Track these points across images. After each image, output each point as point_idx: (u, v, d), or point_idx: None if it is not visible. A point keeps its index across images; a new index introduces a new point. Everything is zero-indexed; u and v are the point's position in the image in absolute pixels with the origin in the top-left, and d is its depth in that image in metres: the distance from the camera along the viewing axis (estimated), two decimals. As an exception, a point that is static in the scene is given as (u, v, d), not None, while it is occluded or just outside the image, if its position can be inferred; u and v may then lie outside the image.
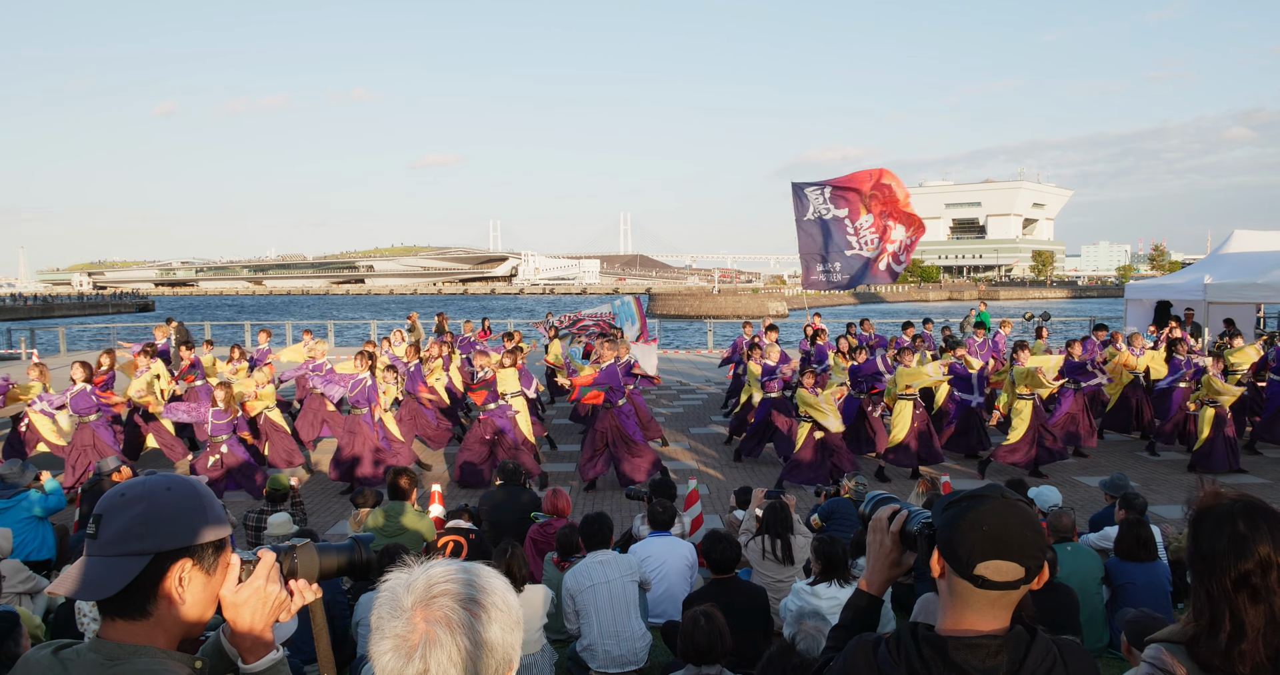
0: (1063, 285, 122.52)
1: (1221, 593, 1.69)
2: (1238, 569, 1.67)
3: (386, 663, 1.19)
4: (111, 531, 1.43)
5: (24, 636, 3.48)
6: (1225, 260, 16.31)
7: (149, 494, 1.47)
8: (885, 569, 1.85)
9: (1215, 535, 1.72)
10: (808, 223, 13.95)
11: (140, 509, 1.44)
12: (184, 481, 1.52)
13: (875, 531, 1.86)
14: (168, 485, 1.49)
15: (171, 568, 1.46)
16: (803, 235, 14.03)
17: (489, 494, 7.32)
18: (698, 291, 79.11)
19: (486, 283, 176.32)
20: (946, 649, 1.56)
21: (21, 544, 6.34)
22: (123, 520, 1.44)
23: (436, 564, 1.27)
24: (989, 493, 1.60)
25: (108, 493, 1.50)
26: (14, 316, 64.56)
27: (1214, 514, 1.75)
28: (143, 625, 1.46)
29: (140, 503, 1.45)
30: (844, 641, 1.85)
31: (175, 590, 1.46)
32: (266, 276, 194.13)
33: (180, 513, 1.47)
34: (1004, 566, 1.53)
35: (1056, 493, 6.62)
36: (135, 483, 1.50)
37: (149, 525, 1.44)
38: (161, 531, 1.45)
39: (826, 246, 13.85)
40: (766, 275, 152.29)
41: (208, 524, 1.50)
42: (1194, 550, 1.76)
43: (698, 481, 7.94)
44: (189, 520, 1.48)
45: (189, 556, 1.47)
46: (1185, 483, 10.00)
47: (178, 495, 1.48)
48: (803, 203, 13.99)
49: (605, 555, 5.08)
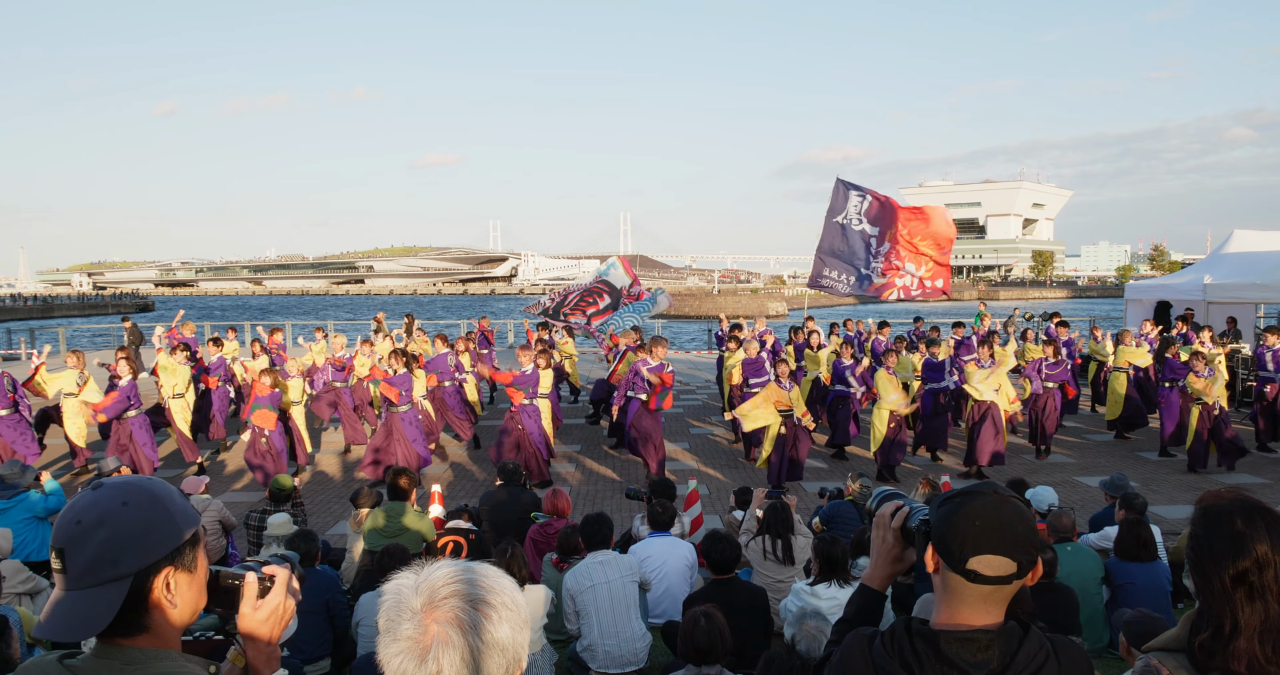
0: (1063, 285, 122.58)
1: (1221, 591, 1.70)
2: (1235, 567, 1.68)
3: (399, 665, 1.19)
4: (81, 564, 1.35)
5: (15, 639, 3.47)
6: (1225, 260, 16.31)
7: (107, 517, 1.37)
8: (887, 564, 1.88)
9: (1214, 534, 1.73)
10: (837, 224, 13.77)
11: (104, 535, 1.36)
12: (139, 489, 1.43)
13: (878, 527, 1.88)
14: (123, 500, 1.39)
15: (155, 580, 1.40)
16: (827, 233, 13.82)
17: (489, 494, 7.32)
18: (697, 292, 79.13)
19: (486, 283, 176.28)
20: (938, 642, 1.57)
21: (21, 544, 6.35)
22: (89, 551, 1.35)
23: (442, 565, 1.27)
24: (983, 489, 1.62)
25: (62, 520, 1.39)
26: (14, 317, 64.59)
27: (1213, 513, 1.76)
28: (143, 639, 1.42)
29: (101, 528, 1.36)
30: (845, 636, 1.87)
31: (165, 599, 1.42)
32: (266, 277, 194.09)
33: (146, 526, 1.39)
34: (996, 561, 1.54)
35: (1053, 493, 6.62)
36: (87, 506, 1.39)
37: (117, 549, 1.36)
38: (134, 551, 1.37)
39: (844, 254, 13.73)
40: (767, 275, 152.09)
41: (177, 526, 1.43)
42: (1194, 550, 1.78)
43: (698, 482, 7.94)
44: (158, 530, 1.40)
45: (169, 564, 1.41)
46: (1185, 483, 10.01)
47: (136, 508, 1.39)
48: (840, 202, 13.79)
49: (605, 556, 5.08)
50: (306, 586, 4.91)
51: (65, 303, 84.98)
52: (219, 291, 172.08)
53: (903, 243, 13.36)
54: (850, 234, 13.67)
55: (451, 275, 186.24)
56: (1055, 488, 7.41)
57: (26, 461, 8.65)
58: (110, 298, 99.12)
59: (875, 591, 1.93)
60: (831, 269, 13.82)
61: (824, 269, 13.88)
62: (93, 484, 1.44)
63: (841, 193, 13.79)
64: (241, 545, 7.09)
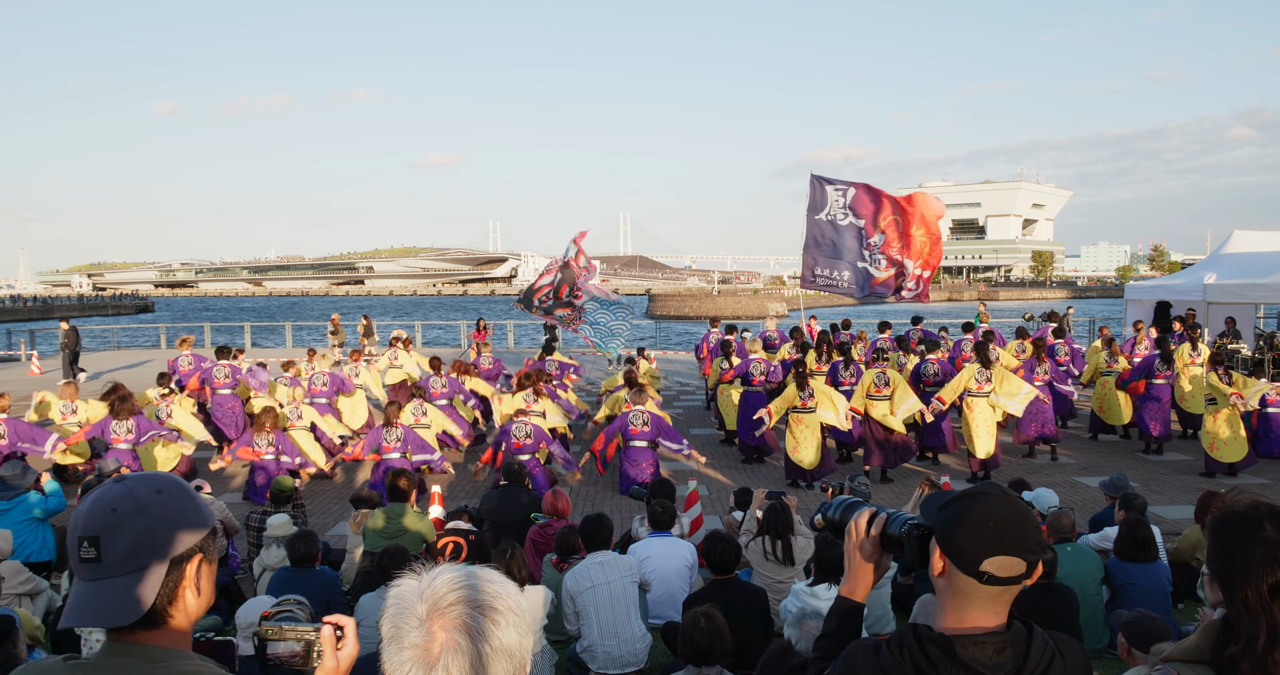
0: (1062, 286, 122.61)
1: (1260, 601, 1.62)
2: (1275, 576, 1.61)
3: (407, 673, 1.19)
4: (119, 550, 1.38)
5: (21, 640, 3.47)
6: (1225, 260, 16.32)
7: (144, 504, 1.41)
8: (867, 574, 1.86)
9: (1245, 542, 1.66)
10: (820, 221, 13.55)
11: (142, 521, 1.40)
12: (169, 480, 1.49)
13: (853, 537, 1.85)
14: (157, 488, 1.45)
15: (188, 567, 1.44)
16: (812, 231, 13.60)
17: (489, 495, 7.33)
18: (697, 292, 79.24)
19: (486, 284, 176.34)
20: (953, 647, 1.56)
21: (21, 545, 6.35)
22: (128, 536, 1.39)
23: (444, 571, 1.27)
24: (989, 490, 1.62)
25: (92, 510, 1.42)
26: (14, 318, 64.56)
27: (1237, 520, 1.69)
28: (157, 633, 1.43)
29: (139, 515, 1.40)
30: (830, 650, 1.84)
31: (193, 587, 1.46)
32: (266, 277, 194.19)
33: (180, 512, 1.45)
34: (1009, 562, 1.54)
35: (1053, 495, 6.62)
36: (120, 495, 1.42)
37: (157, 534, 1.41)
38: (172, 536, 1.42)
39: (836, 252, 13.53)
40: (767, 276, 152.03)
41: (203, 515, 1.49)
42: (1224, 561, 1.69)
43: (698, 482, 7.94)
44: (189, 517, 1.46)
45: (199, 552, 1.47)
46: (1185, 483, 10.01)
47: (170, 496, 1.45)
48: (820, 198, 13.57)
49: (605, 556, 5.08)
50: (307, 587, 4.91)
51: (65, 303, 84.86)
52: (219, 292, 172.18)
53: (895, 233, 13.22)
54: (839, 229, 13.47)
55: (451, 276, 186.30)
56: (1055, 488, 7.42)
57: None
58: (110, 298, 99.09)
59: (856, 603, 1.90)
60: (824, 267, 13.61)
61: (816, 267, 13.66)
62: (115, 479, 1.45)
63: (819, 188, 13.58)
64: (242, 546, 7.09)
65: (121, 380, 11.49)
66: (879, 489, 9.76)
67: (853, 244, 13.46)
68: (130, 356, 26.17)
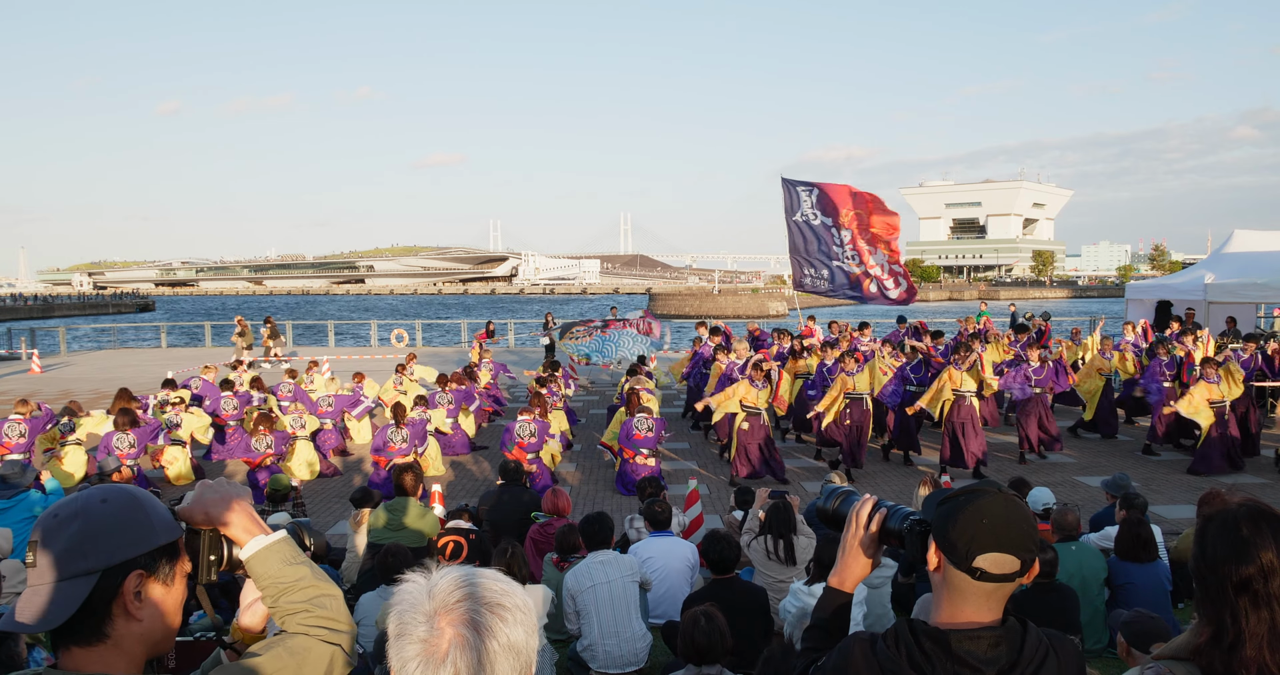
0: (1063, 285, 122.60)
1: (1223, 598, 1.67)
2: (1239, 574, 1.65)
3: (414, 670, 1.19)
4: (51, 556, 1.34)
5: (21, 640, 3.47)
6: (1226, 260, 16.32)
7: (84, 510, 1.37)
8: (859, 566, 1.86)
9: (1219, 540, 1.71)
10: (797, 223, 13.86)
11: (77, 526, 1.35)
12: (121, 490, 1.43)
13: (852, 528, 1.85)
14: (103, 497, 1.40)
15: (124, 583, 1.37)
16: (792, 233, 13.93)
17: (489, 494, 7.32)
18: (698, 291, 79.14)
19: (487, 283, 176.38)
20: (949, 641, 1.57)
21: (22, 544, 6.34)
22: (61, 541, 1.34)
23: (449, 570, 1.27)
24: (986, 488, 1.63)
25: (44, 514, 1.40)
26: (14, 317, 64.62)
27: (1219, 519, 1.73)
28: (100, 650, 1.37)
29: (76, 520, 1.36)
30: (820, 640, 1.85)
31: (131, 607, 1.38)
32: (266, 277, 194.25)
33: (121, 524, 1.38)
34: (1002, 559, 1.55)
35: (1049, 494, 6.63)
36: (68, 500, 1.39)
37: (88, 542, 1.34)
38: (104, 546, 1.35)
39: (814, 251, 13.80)
40: (767, 275, 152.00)
41: (154, 531, 1.41)
42: (1198, 556, 1.75)
43: (698, 481, 7.93)
44: (132, 530, 1.38)
45: (140, 568, 1.38)
46: (1185, 483, 10.00)
47: (115, 506, 1.39)
48: (793, 200, 13.85)
49: (606, 555, 5.08)
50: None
51: (65, 302, 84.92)
52: (219, 291, 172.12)
53: (858, 227, 13.42)
54: (814, 229, 13.73)
55: (452, 275, 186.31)
56: (1055, 488, 7.42)
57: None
58: (111, 298, 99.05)
59: (845, 594, 1.90)
60: (809, 268, 13.89)
61: (804, 268, 13.96)
62: (92, 482, 1.45)
63: (791, 191, 13.85)
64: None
65: (120, 379, 11.50)
66: (864, 487, 9.76)
67: (828, 241, 13.72)
68: (131, 356, 26.18)
